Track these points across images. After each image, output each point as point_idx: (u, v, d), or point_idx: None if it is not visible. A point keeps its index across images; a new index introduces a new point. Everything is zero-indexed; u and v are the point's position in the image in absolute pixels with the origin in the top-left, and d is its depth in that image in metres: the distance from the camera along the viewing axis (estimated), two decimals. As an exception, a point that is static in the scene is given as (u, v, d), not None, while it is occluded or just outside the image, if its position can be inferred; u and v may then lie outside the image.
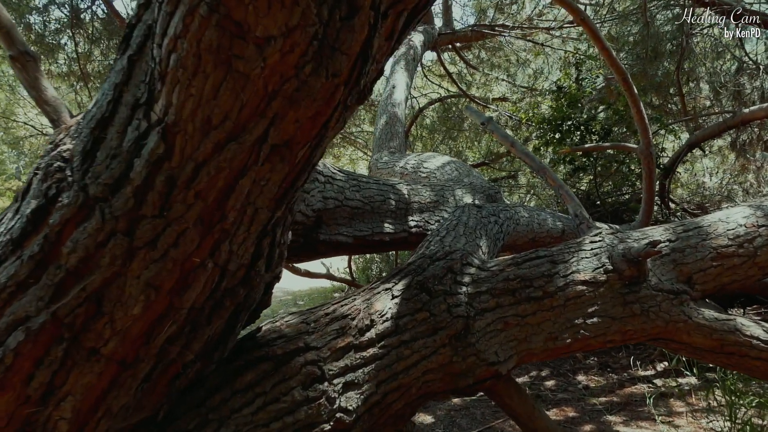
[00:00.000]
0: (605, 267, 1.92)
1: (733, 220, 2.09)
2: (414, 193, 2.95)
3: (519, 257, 1.96)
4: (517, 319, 1.83)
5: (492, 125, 2.48)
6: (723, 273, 2.02)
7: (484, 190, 3.32)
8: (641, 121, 3.33)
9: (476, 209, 2.45)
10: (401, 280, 1.82)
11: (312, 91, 1.23)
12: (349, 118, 1.52)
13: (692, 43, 4.80)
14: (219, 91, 1.16)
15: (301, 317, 1.76)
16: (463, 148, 8.62)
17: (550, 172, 2.32)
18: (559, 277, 1.90)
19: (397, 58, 5.28)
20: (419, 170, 3.81)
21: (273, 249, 1.61)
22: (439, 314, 1.74)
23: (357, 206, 2.62)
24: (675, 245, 2.03)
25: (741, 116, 4.14)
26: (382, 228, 2.75)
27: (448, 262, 1.86)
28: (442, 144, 8.89)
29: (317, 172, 2.41)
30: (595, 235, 2.04)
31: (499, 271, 1.89)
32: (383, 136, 4.63)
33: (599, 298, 1.89)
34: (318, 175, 2.41)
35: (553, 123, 4.46)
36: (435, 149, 8.57)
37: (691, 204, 6.13)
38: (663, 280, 1.95)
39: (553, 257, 1.95)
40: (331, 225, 2.53)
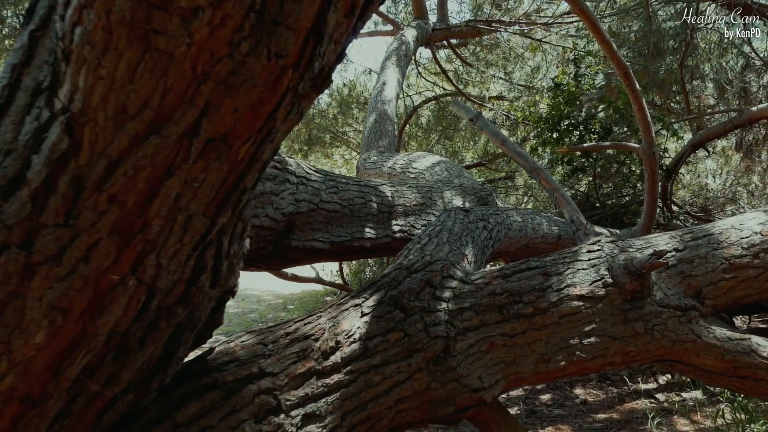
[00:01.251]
0: (604, 280, 1.71)
1: (747, 227, 1.88)
2: (398, 195, 2.74)
3: (507, 268, 1.75)
4: (505, 339, 1.62)
5: (481, 121, 2.27)
6: (736, 286, 1.81)
7: (475, 192, 3.10)
8: (643, 119, 3.12)
9: (463, 213, 2.23)
10: (373, 295, 1.61)
11: (252, 75, 1.02)
12: (306, 109, 1.30)
13: (696, 39, 4.59)
14: (136, 74, 0.94)
15: (259, 337, 1.55)
16: (460, 148, 8.40)
17: (545, 173, 2.11)
18: (553, 291, 1.68)
19: (388, 53, 5.07)
20: (408, 171, 3.60)
21: (219, 261, 1.39)
22: (415, 334, 1.53)
23: (334, 209, 2.41)
24: (682, 255, 1.82)
25: (748, 114, 3.93)
26: (362, 233, 2.54)
27: (427, 275, 1.65)
28: (438, 144, 8.68)
29: (289, 172, 2.20)
30: (593, 243, 1.83)
31: (484, 285, 1.68)
32: (372, 135, 4.42)
33: (597, 315, 1.68)
34: (289, 175, 2.19)
35: (550, 122, 4.25)
36: (430, 149, 8.35)
37: (694, 206, 5.92)
38: (669, 295, 1.74)
39: (546, 269, 1.74)
40: (305, 230, 2.32)
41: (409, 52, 5.16)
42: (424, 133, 8.48)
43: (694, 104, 5.24)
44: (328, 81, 1.20)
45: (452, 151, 8.43)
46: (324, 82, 1.19)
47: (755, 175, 5.97)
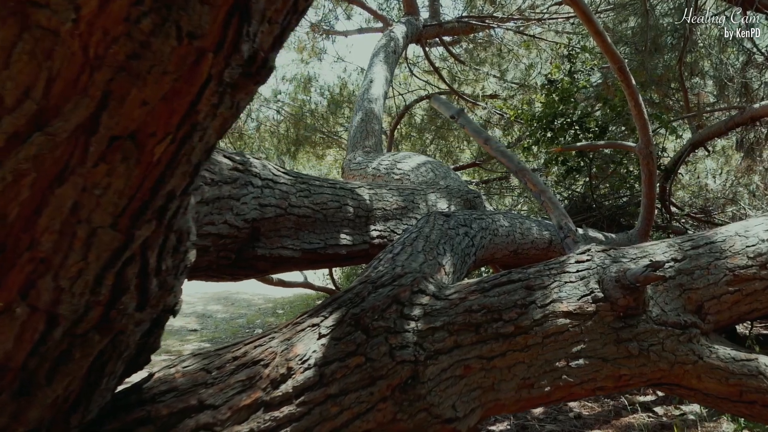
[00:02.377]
0: (594, 294, 1.53)
1: (753, 234, 1.70)
2: (377, 198, 2.56)
3: (486, 281, 1.57)
4: (482, 362, 1.44)
5: (463, 118, 2.09)
6: (741, 300, 1.63)
7: (461, 195, 2.92)
8: (639, 117, 2.94)
9: (443, 219, 2.05)
10: (333, 314, 1.43)
11: (160, 59, 0.84)
12: (245, 102, 1.11)
13: (696, 35, 4.41)
14: (12, 56, 0.76)
15: (203, 362, 1.37)
16: (454, 148, 8.22)
17: (531, 174, 1.93)
18: (536, 307, 1.50)
19: (376, 49, 4.88)
20: (393, 172, 3.42)
21: (146, 279, 1.20)
22: (379, 359, 1.34)
23: (305, 214, 2.23)
24: (682, 266, 1.64)
25: (750, 112, 3.75)
26: (337, 239, 2.36)
27: (395, 290, 1.47)
28: (432, 144, 8.50)
29: (252, 174, 2.02)
30: (583, 252, 1.65)
31: (459, 300, 1.49)
32: (358, 135, 4.24)
33: (586, 334, 1.50)
34: (253, 178, 2.01)
35: (543, 120, 4.07)
36: (424, 149, 8.17)
37: (694, 207, 5.74)
38: (667, 311, 1.56)
39: (529, 282, 1.56)
40: (272, 237, 2.14)
41: (398, 49, 4.98)
42: (418, 133, 8.30)
43: (694, 102, 5.06)
44: (266, 69, 1.01)
45: (446, 151, 8.25)
46: (261, 70, 1.00)
47: (756, 175, 5.79)
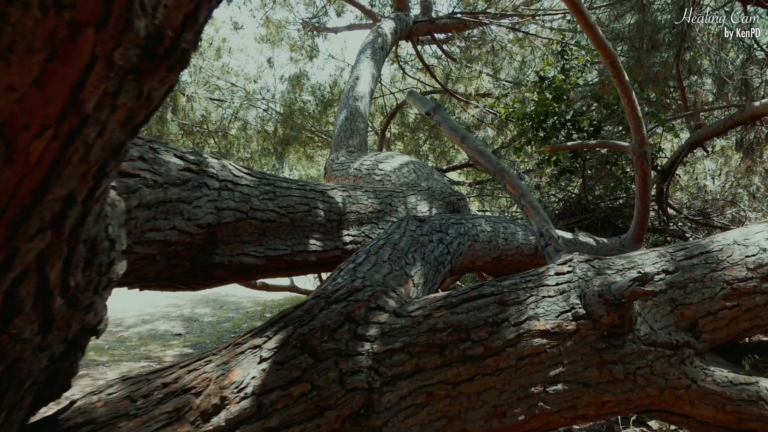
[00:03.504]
0: (575, 311, 1.36)
1: (753, 242, 1.53)
2: (351, 201, 2.39)
3: (455, 295, 1.40)
4: (447, 387, 1.27)
5: (439, 115, 1.93)
6: (740, 317, 1.46)
7: (444, 197, 2.76)
8: (633, 115, 2.78)
9: (416, 224, 1.89)
10: (278, 334, 1.27)
11: (22, 33, 0.67)
12: (158, 92, 0.94)
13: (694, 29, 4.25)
14: None
15: (130, 388, 1.21)
16: (448, 148, 8.05)
17: (510, 176, 1.77)
18: (510, 325, 1.34)
19: (363, 46, 4.72)
20: (374, 172, 3.26)
21: (48, 298, 1.03)
22: (327, 386, 1.18)
23: (270, 219, 2.06)
24: (674, 278, 1.47)
25: (751, 110, 3.59)
26: (306, 245, 2.19)
27: (349, 306, 1.30)
28: (425, 143, 8.33)
29: (208, 175, 1.85)
30: (564, 263, 1.48)
31: (423, 318, 1.33)
32: (342, 134, 4.08)
33: (566, 355, 1.33)
34: (208, 179, 1.85)
35: (535, 118, 3.90)
36: (417, 149, 8.01)
37: (692, 210, 5.57)
38: (656, 329, 1.39)
39: (503, 296, 1.39)
40: (232, 243, 1.97)
41: (386, 45, 4.82)
42: (411, 133, 8.13)
43: (692, 101, 4.90)
44: (179, 52, 0.84)
45: (440, 151, 8.09)
46: (171, 53, 0.83)
47: (756, 176, 5.62)
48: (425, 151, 8.12)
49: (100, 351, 5.25)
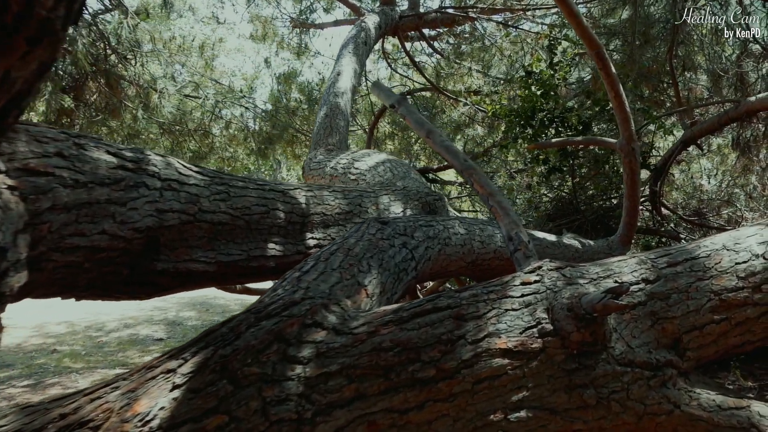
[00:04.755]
0: (541, 327, 1.20)
1: (744, 247, 1.37)
2: (316, 202, 2.23)
3: (406, 308, 1.24)
4: (392, 416, 1.11)
5: (404, 108, 1.77)
6: (730, 331, 1.30)
7: (420, 197, 2.60)
8: (621, 110, 2.62)
9: (377, 227, 1.73)
10: (197, 355, 1.10)
11: None
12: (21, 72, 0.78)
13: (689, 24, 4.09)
14: None
15: (23, 420, 1.05)
16: (440, 148, 7.87)
17: (479, 174, 1.60)
18: (467, 344, 1.17)
19: (345, 40, 4.56)
20: (349, 171, 3.09)
21: None
22: (247, 418, 1.01)
23: (222, 221, 1.90)
24: (655, 288, 1.31)
25: (746, 106, 3.43)
26: (264, 249, 2.03)
27: (281, 323, 1.14)
28: (417, 143, 8.16)
29: (148, 174, 1.69)
30: (531, 271, 1.32)
31: (367, 336, 1.16)
32: (321, 132, 3.91)
33: (530, 378, 1.17)
34: (148, 178, 1.68)
35: (522, 115, 3.73)
36: (408, 149, 7.85)
37: (688, 210, 5.41)
38: (634, 346, 1.23)
39: (460, 310, 1.23)
40: (178, 249, 1.80)
41: (369, 40, 4.65)
42: (402, 132, 7.97)
43: (687, 97, 4.74)
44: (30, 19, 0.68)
45: (431, 150, 7.91)
46: (21, 21, 0.68)
47: (753, 175, 5.46)
48: (416, 150, 7.96)
49: (76, 357, 5.08)
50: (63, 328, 6.33)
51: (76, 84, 4.50)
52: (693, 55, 4.85)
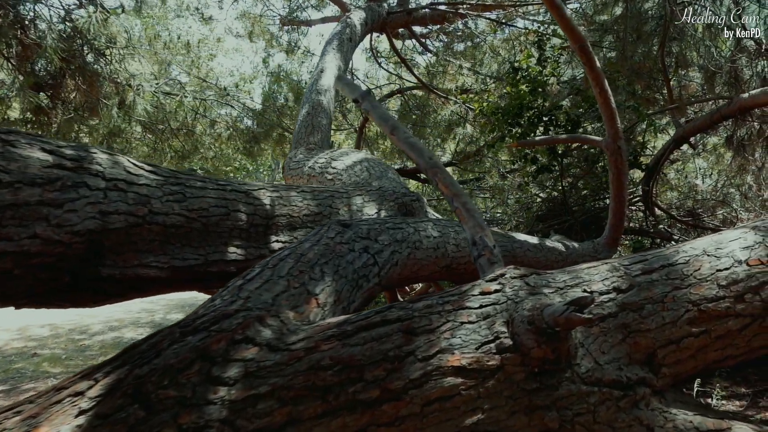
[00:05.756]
0: (500, 341, 1.08)
1: (726, 252, 1.26)
2: (282, 203, 2.11)
3: (352, 321, 1.13)
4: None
5: (368, 102, 1.66)
6: (709, 345, 1.19)
7: (396, 198, 2.48)
8: (606, 106, 2.51)
9: (337, 230, 1.61)
10: (111, 375, 0.98)
11: None
12: None
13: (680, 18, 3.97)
14: None
15: None
16: (433, 146, 7.77)
17: (444, 173, 1.49)
18: (416, 361, 1.06)
19: (330, 37, 4.44)
20: (326, 171, 2.98)
21: None
22: (160, 448, 0.90)
23: (176, 223, 1.78)
24: (627, 298, 1.19)
25: (738, 103, 3.32)
26: (224, 253, 1.91)
27: (208, 338, 1.02)
28: (410, 142, 8.03)
29: (90, 173, 1.57)
30: (493, 279, 1.20)
31: (304, 352, 1.05)
32: (303, 130, 3.80)
33: (486, 399, 1.05)
34: (90, 177, 1.56)
35: (509, 112, 3.61)
36: (400, 149, 7.72)
37: (682, 210, 5.30)
38: (603, 363, 1.11)
39: (411, 323, 1.11)
40: (125, 253, 1.69)
41: (355, 36, 4.53)
42: (394, 131, 7.82)
43: (681, 95, 4.62)
44: None
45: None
46: None
47: (749, 174, 5.34)
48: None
49: (56, 361, 4.96)
50: (46, 331, 6.22)
51: (54, 82, 4.38)
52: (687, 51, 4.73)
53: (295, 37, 7.43)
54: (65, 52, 3.86)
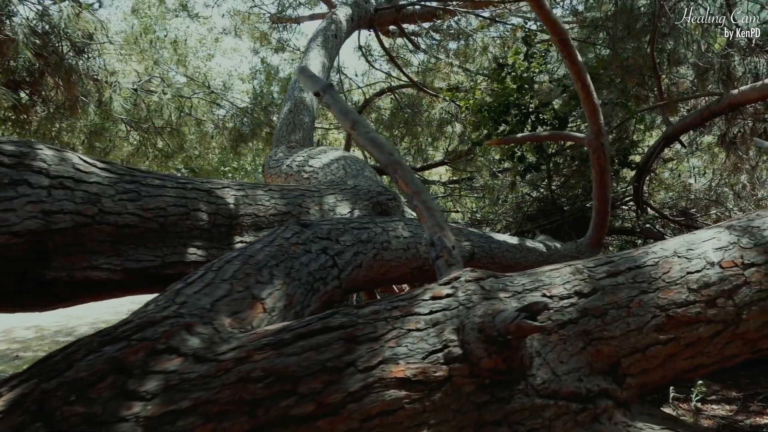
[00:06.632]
0: (449, 351, 1.00)
1: (698, 254, 1.17)
2: (248, 202, 2.03)
3: (290, 329, 1.04)
4: (258, 463, 0.91)
5: (329, 96, 1.57)
6: (679, 354, 1.11)
7: (371, 197, 2.40)
8: (588, 102, 2.43)
9: (294, 230, 1.53)
10: (15, 389, 0.90)
11: None
12: None
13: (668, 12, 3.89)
14: None
15: None
16: (425, 145, 7.69)
17: (405, 170, 1.41)
18: (356, 372, 0.98)
19: (314, 33, 4.36)
20: (303, 169, 2.90)
21: None
22: (61, 472, 0.81)
23: (129, 223, 1.70)
24: (589, 303, 1.11)
25: (729, 99, 3.24)
26: (183, 254, 1.83)
27: (126, 349, 0.94)
28: (403, 141, 7.96)
29: (32, 170, 1.49)
30: (446, 283, 1.12)
31: (234, 362, 0.96)
32: (284, 128, 3.71)
33: (432, 413, 0.97)
34: (31, 175, 1.48)
35: (496, 109, 3.52)
36: (393, 147, 7.64)
37: (675, 210, 5.22)
38: (561, 373, 1.03)
39: (354, 330, 1.03)
40: (74, 255, 1.61)
41: (340, 33, 4.45)
42: (386, 130, 7.76)
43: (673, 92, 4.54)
44: None
45: (417, 148, 7.71)
46: None
47: (743, 173, 5.26)
48: (402, 149, 7.75)
49: (37, 364, 4.88)
50: (31, 333, 6.13)
51: (32, 79, 4.29)
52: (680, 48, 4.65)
53: (286, 36, 7.35)
54: (41, 48, 3.77)
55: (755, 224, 1.22)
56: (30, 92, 4.29)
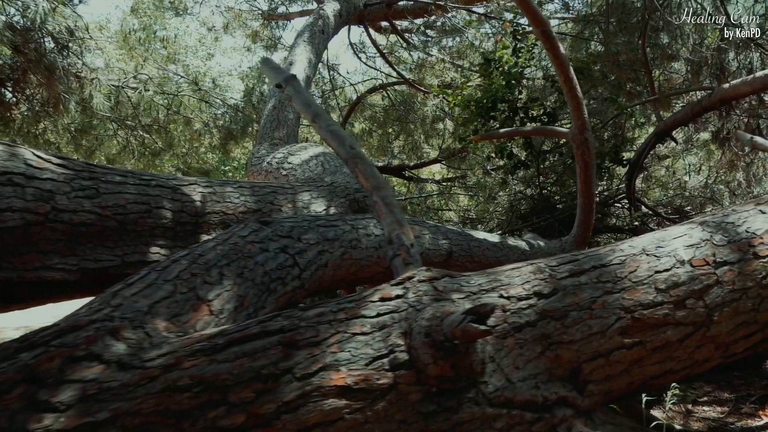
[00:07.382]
0: (394, 356, 0.93)
1: (667, 251, 1.10)
2: (215, 200, 1.96)
3: (226, 333, 0.97)
4: (182, 479, 0.84)
5: (291, 87, 1.51)
6: (645, 359, 1.04)
7: (348, 194, 2.33)
8: (572, 96, 2.36)
9: (252, 228, 1.46)
10: None
11: None
12: None
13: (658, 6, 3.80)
14: None
15: None
16: (420, 143, 7.61)
17: (365, 164, 1.34)
18: (293, 380, 0.91)
19: (301, 29, 4.29)
20: (282, 167, 2.84)
21: None
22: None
23: (86, 222, 1.64)
24: (549, 304, 1.04)
25: (719, 94, 3.16)
26: (144, 254, 1.77)
27: (41, 356, 0.87)
28: (397, 139, 7.88)
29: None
30: (398, 284, 1.05)
31: (161, 370, 0.90)
32: (268, 125, 3.65)
33: (376, 423, 0.90)
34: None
35: (482, 104, 3.45)
36: (387, 145, 7.56)
37: (669, 208, 5.14)
38: (515, 380, 0.96)
39: (294, 334, 0.96)
40: (26, 254, 1.54)
41: (328, 29, 4.38)
42: (380, 128, 7.68)
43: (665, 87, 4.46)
44: None
45: (411, 146, 7.64)
46: None
47: (739, 170, 5.17)
48: (395, 147, 7.68)
49: (23, 365, 4.81)
50: (20, 334, 6.07)
51: (15, 76, 4.23)
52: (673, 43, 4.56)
53: (278, 33, 7.28)
54: (23, 44, 3.71)
55: (729, 220, 1.15)
56: (13, 90, 4.23)
